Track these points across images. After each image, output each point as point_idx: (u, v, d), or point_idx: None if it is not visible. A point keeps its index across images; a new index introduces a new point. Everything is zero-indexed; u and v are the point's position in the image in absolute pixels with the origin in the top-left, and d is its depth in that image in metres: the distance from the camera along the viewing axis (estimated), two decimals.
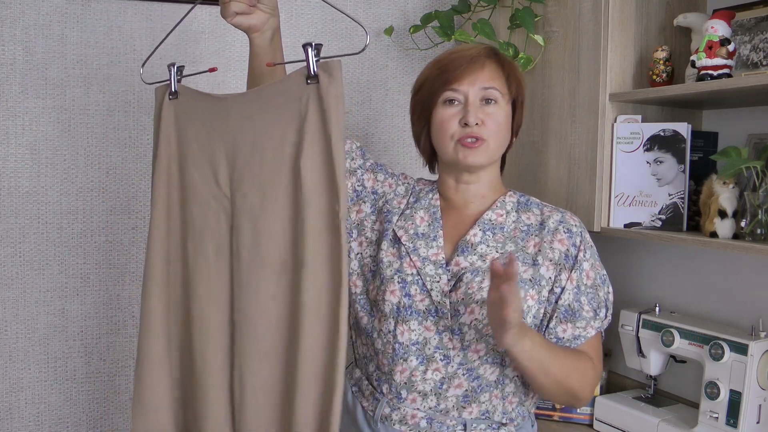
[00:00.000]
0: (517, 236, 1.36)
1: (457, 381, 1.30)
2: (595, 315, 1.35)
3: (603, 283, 1.38)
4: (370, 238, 1.41)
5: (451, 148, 1.35)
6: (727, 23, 1.51)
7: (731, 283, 1.72)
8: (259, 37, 1.32)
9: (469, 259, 1.33)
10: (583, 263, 1.35)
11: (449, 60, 1.37)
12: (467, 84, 1.33)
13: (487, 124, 1.33)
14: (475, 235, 1.35)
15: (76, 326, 1.86)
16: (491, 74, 1.35)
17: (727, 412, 1.53)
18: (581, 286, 1.34)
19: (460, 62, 1.35)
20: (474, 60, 1.35)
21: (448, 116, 1.34)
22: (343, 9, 2.08)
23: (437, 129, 1.37)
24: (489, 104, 1.34)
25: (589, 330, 1.34)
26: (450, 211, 1.41)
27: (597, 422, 1.77)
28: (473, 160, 1.34)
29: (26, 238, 1.80)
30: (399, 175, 1.49)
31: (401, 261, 1.34)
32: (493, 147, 1.35)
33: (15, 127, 1.78)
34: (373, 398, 1.36)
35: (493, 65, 1.36)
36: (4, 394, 1.80)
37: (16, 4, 1.76)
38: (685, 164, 1.59)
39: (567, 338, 1.34)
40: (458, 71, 1.34)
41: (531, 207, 1.41)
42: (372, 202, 1.44)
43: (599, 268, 1.38)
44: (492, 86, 1.34)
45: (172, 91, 1.31)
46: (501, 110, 1.35)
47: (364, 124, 2.12)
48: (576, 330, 1.33)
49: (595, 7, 1.69)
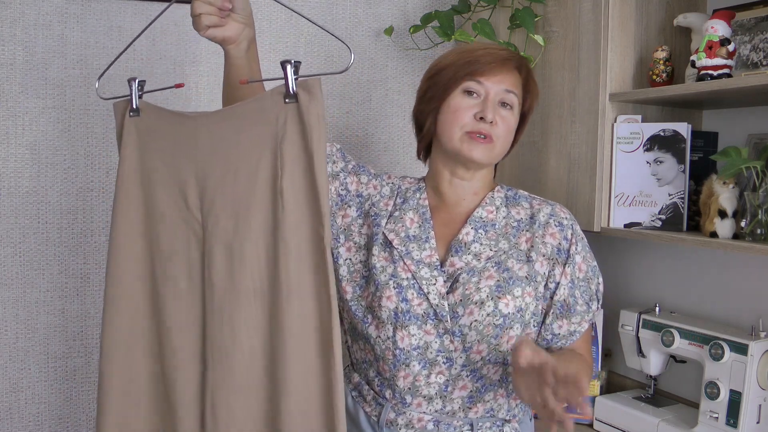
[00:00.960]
0: (509, 232, 1.35)
1: (461, 383, 1.30)
2: (588, 308, 1.36)
3: (594, 275, 1.38)
4: (358, 242, 1.39)
5: (457, 137, 1.32)
6: (727, 23, 1.51)
7: (731, 283, 1.72)
8: (235, 49, 1.26)
9: (464, 258, 1.32)
10: (575, 257, 1.35)
11: (481, 53, 1.34)
12: (493, 81, 1.32)
13: (499, 126, 1.33)
14: (467, 234, 1.35)
15: (76, 326, 1.85)
16: (516, 81, 1.35)
17: (727, 412, 1.53)
18: (575, 280, 1.35)
19: (492, 59, 1.33)
20: (506, 62, 1.34)
21: (464, 106, 1.33)
22: (343, 10, 2.08)
23: (449, 115, 1.34)
24: (505, 108, 1.34)
25: (583, 324, 1.36)
26: (439, 209, 1.40)
27: (597, 422, 1.77)
28: (477, 155, 1.32)
29: (26, 238, 1.80)
30: (382, 176, 1.46)
31: (395, 265, 1.33)
32: (499, 149, 1.35)
33: (15, 127, 1.78)
34: (376, 403, 1.35)
35: (517, 73, 1.36)
36: (4, 394, 1.80)
37: (16, 4, 1.76)
38: (685, 164, 1.59)
39: (563, 334, 1.35)
40: (488, 66, 1.32)
41: (520, 201, 1.40)
42: (357, 205, 1.41)
43: (590, 259, 1.38)
44: (513, 90, 1.34)
45: (134, 107, 1.24)
46: (513, 117, 1.36)
47: (364, 124, 2.12)
48: (572, 326, 1.35)
49: (595, 7, 1.69)
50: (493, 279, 1.30)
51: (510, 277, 1.30)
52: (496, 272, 1.31)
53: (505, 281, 1.30)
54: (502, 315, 1.28)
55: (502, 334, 1.29)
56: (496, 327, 1.28)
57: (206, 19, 1.20)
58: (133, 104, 1.25)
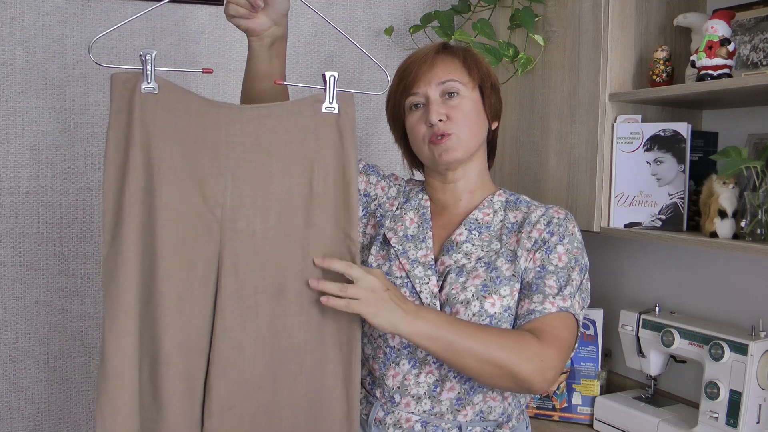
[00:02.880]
0: (503, 234, 1.35)
1: (449, 384, 1.29)
2: (559, 292, 1.26)
3: (581, 271, 1.31)
4: (362, 243, 1.40)
5: (426, 150, 1.35)
6: (727, 23, 1.50)
7: (731, 283, 1.72)
8: (257, 42, 1.28)
9: (454, 257, 1.32)
10: (557, 246, 1.30)
11: (404, 66, 1.37)
12: (424, 85, 1.33)
13: (452, 117, 1.32)
14: (460, 234, 1.34)
15: (75, 326, 1.86)
16: (445, 68, 1.34)
17: (727, 412, 1.53)
18: (548, 266, 1.28)
19: (414, 65, 1.35)
20: (424, 59, 1.34)
21: (415, 121, 1.35)
22: (343, 10, 2.08)
23: (410, 136, 1.38)
24: (452, 97, 1.33)
25: (547, 305, 1.24)
26: (439, 211, 1.40)
27: (597, 422, 1.77)
28: (447, 156, 1.32)
29: (26, 238, 1.80)
30: (390, 176, 1.48)
31: (390, 264, 1.34)
32: (466, 138, 1.33)
33: (15, 127, 1.78)
34: (366, 402, 1.35)
35: (446, 58, 1.35)
36: (4, 393, 1.80)
37: (16, 4, 1.76)
38: (685, 164, 1.59)
39: (521, 314, 1.27)
40: (413, 75, 1.34)
41: (519, 205, 1.39)
42: (364, 205, 1.43)
43: (579, 256, 1.32)
44: (448, 79, 1.33)
45: (149, 82, 1.11)
46: (466, 100, 1.33)
47: (364, 124, 2.12)
48: (532, 305, 1.25)
49: (595, 7, 1.69)
50: (480, 279, 1.29)
51: (497, 277, 1.29)
52: (485, 272, 1.29)
53: (492, 281, 1.29)
54: (488, 315, 1.26)
55: None
56: None
57: (233, 9, 1.22)
58: (148, 78, 1.11)
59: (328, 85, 1.14)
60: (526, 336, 1.21)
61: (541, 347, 1.20)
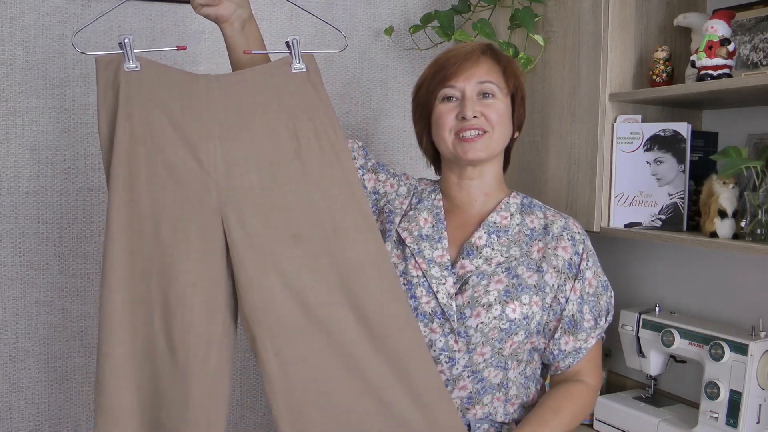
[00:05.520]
0: (522, 240, 1.37)
1: (461, 383, 1.31)
2: (596, 324, 1.37)
3: (605, 290, 1.39)
4: None
5: (450, 142, 1.36)
6: (727, 23, 1.50)
7: (731, 283, 1.72)
8: (228, 28, 1.32)
9: (475, 262, 1.34)
10: (586, 272, 1.36)
11: (445, 58, 1.39)
12: (463, 80, 1.35)
13: (487, 116, 1.34)
14: (480, 238, 1.36)
15: (76, 326, 1.86)
16: (487, 69, 1.36)
17: (727, 412, 1.53)
18: (584, 296, 1.36)
19: (456, 59, 1.36)
20: (469, 56, 1.36)
21: (445, 111, 1.36)
22: (343, 10, 2.08)
23: (436, 125, 1.38)
24: (487, 98, 1.36)
25: (590, 341, 1.37)
26: (453, 211, 1.41)
27: (597, 422, 1.77)
28: (473, 154, 1.34)
29: (26, 238, 1.80)
30: (401, 175, 1.49)
31: (406, 263, 1.35)
32: (496, 138, 1.36)
33: (15, 127, 1.78)
34: None
35: (489, 60, 1.38)
36: (4, 394, 1.80)
37: (16, 4, 1.76)
38: (685, 164, 1.59)
39: (569, 351, 1.36)
40: (453, 68, 1.35)
41: (534, 210, 1.41)
42: (373, 202, 1.45)
43: (600, 274, 1.40)
44: (488, 80, 1.35)
45: (131, 63, 1.18)
46: (500, 102, 1.36)
47: (364, 124, 2.12)
48: (578, 342, 1.36)
49: (595, 7, 1.69)
50: (503, 283, 1.31)
51: (519, 284, 1.32)
52: (506, 277, 1.32)
53: (514, 287, 1.31)
54: (509, 320, 1.29)
55: (506, 338, 1.30)
56: (502, 331, 1.29)
57: None
58: (130, 59, 1.18)
59: (293, 48, 1.23)
60: (581, 391, 1.38)
61: (591, 389, 1.40)
